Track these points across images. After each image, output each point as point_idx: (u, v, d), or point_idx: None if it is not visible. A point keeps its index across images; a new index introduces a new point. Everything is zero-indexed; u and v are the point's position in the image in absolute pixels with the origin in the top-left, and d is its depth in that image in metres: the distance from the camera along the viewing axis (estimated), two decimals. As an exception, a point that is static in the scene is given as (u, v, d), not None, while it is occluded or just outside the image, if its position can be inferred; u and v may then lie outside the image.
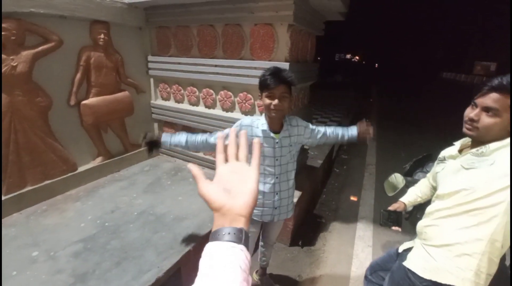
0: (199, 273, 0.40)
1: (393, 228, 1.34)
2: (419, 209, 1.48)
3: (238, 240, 0.43)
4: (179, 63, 2.60)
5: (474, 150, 1.00)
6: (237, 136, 0.56)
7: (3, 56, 1.83)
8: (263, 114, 1.42)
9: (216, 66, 2.37)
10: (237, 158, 0.54)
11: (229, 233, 0.43)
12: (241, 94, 2.32)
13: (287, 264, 2.26)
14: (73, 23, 2.20)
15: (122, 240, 1.75)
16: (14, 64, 1.88)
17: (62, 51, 2.15)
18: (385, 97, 13.07)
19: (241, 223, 0.45)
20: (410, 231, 1.25)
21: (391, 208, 1.38)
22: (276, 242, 2.49)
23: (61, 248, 1.67)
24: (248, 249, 0.44)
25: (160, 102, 2.92)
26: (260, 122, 1.39)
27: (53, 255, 1.61)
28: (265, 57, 2.11)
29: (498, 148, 0.94)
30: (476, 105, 0.98)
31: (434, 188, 1.22)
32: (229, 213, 0.45)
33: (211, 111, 2.56)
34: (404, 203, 1.41)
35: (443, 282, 1.02)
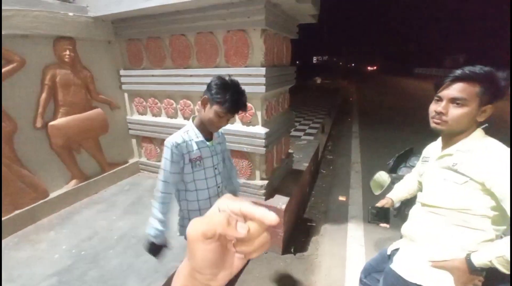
0: None
1: (381, 225, 1.31)
2: (407, 205, 1.46)
3: None
4: (153, 76, 2.51)
5: (450, 163, 0.99)
6: None
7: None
8: (189, 124, 1.29)
9: (191, 76, 2.31)
10: None
11: None
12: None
13: (280, 273, 2.19)
14: (35, 41, 2.08)
15: (101, 268, 1.62)
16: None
17: (25, 71, 2.02)
18: (363, 96, 13.44)
19: None
20: (399, 227, 1.22)
21: (378, 204, 1.36)
22: (267, 251, 2.42)
23: (36, 283, 1.52)
24: None
25: (136, 117, 2.80)
26: (191, 135, 1.26)
27: (25, 293, 1.46)
28: (241, 64, 2.07)
29: (469, 163, 0.93)
30: (441, 99, 0.97)
31: (421, 184, 1.20)
32: (207, 282, 0.37)
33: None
34: (392, 199, 1.39)
35: None
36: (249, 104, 2.12)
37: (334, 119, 7.36)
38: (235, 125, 2.22)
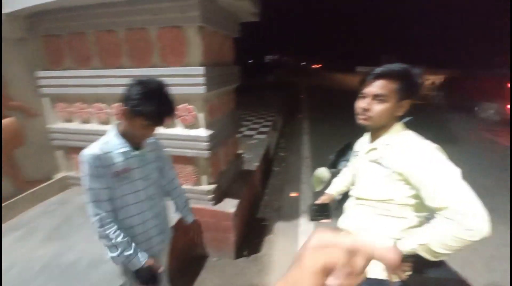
0: None
1: (322, 221, 1.33)
2: (348, 197, 1.52)
3: None
4: (78, 77, 2.21)
5: (376, 157, 1.03)
6: None
7: None
8: (111, 133, 1.12)
9: (124, 77, 2.07)
10: None
11: None
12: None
13: (235, 280, 2.12)
14: None
15: (17, 308, 1.35)
16: None
17: None
18: (313, 92, 14.14)
19: None
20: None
21: (319, 201, 1.38)
22: (220, 258, 2.33)
23: None
24: None
25: (61, 125, 2.44)
26: (113, 145, 1.09)
27: None
28: (178, 63, 1.93)
29: (390, 156, 0.98)
30: (365, 95, 1.02)
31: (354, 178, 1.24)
32: None
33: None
34: (331, 194, 1.43)
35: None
36: (189, 106, 2.00)
37: (285, 116, 7.56)
38: (176, 129, 2.08)
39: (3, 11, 2.04)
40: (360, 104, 1.03)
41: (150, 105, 1.00)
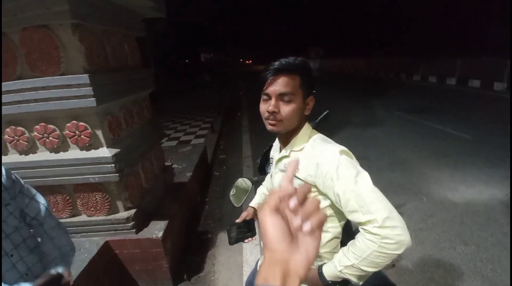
0: None
1: (246, 241, 1.15)
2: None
3: None
4: None
5: (286, 167, 0.90)
6: None
7: None
8: None
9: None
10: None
11: None
12: (37, 127, 1.65)
13: (173, 312, 1.86)
14: None
15: None
16: None
17: None
18: (252, 89, 14.24)
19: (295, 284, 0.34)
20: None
21: (239, 220, 1.19)
22: (156, 290, 2.04)
23: None
24: None
25: None
26: None
27: None
28: (53, 72, 1.53)
29: (300, 166, 0.86)
30: (269, 96, 0.86)
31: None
32: (284, 264, 0.33)
33: None
34: (253, 208, 1.27)
35: None
36: (81, 123, 1.63)
37: (224, 116, 7.35)
38: (70, 152, 1.68)
39: None
40: (266, 107, 0.87)
41: None
